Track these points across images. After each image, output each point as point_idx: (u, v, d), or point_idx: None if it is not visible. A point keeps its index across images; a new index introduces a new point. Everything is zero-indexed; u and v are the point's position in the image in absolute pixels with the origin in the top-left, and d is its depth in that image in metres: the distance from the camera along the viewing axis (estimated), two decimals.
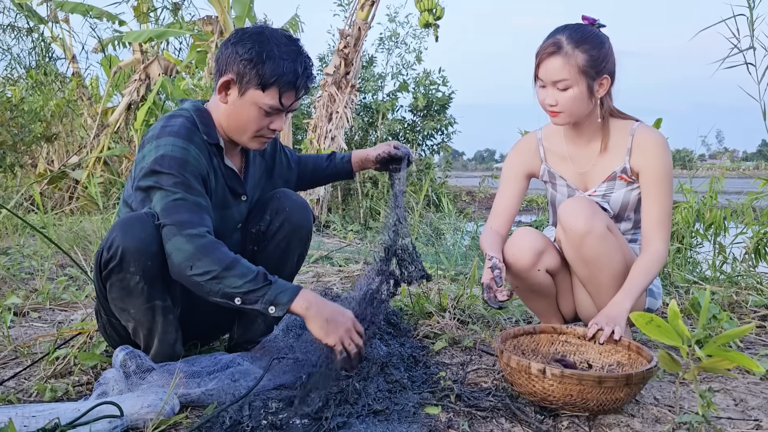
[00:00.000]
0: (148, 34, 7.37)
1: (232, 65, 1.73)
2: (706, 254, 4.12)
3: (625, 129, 2.00)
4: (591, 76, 1.88)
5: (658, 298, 2.14)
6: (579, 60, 1.85)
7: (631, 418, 1.61)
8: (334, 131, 7.34)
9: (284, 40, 1.76)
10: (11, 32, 8.93)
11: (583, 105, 1.91)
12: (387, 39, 10.76)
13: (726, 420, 1.61)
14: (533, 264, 2.00)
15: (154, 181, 1.66)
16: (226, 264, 1.58)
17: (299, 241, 2.01)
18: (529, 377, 1.59)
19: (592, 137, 2.03)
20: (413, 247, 2.00)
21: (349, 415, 1.56)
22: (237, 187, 1.90)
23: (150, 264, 1.65)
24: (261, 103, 1.74)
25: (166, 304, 1.74)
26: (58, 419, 1.41)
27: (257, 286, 1.58)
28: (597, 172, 2.05)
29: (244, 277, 1.58)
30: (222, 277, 1.57)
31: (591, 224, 1.87)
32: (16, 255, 3.80)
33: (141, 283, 1.66)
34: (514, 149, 2.21)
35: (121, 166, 7.73)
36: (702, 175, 5.25)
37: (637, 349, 1.77)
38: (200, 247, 1.59)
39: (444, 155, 11.38)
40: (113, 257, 1.63)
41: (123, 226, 1.65)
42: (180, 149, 1.69)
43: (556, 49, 1.87)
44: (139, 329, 1.74)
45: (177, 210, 1.63)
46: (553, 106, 1.91)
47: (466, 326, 2.45)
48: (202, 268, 1.57)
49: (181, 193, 1.65)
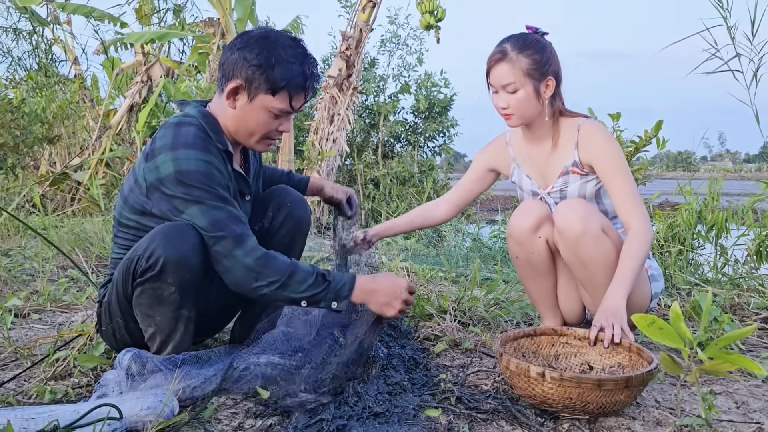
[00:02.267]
0: (150, 36, 7.39)
1: (240, 71, 1.72)
2: (707, 256, 4.11)
3: (572, 126, 2.10)
4: (536, 78, 2.01)
5: (660, 280, 2.18)
6: (523, 64, 1.99)
7: (632, 420, 1.60)
8: (335, 133, 7.35)
9: (290, 43, 1.76)
10: (13, 34, 8.96)
11: (532, 106, 2.04)
12: (388, 41, 10.78)
13: (728, 423, 1.60)
14: (535, 229, 2.07)
15: (185, 194, 1.65)
16: (288, 272, 1.67)
17: (301, 236, 2.08)
18: (529, 380, 1.58)
19: (544, 136, 2.15)
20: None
21: (349, 417, 1.55)
22: (244, 188, 1.92)
23: (188, 277, 1.66)
24: (271, 107, 1.75)
25: (191, 315, 1.75)
26: (57, 421, 1.41)
27: (319, 289, 1.70)
28: (551, 169, 2.16)
29: (305, 281, 1.68)
30: (287, 284, 1.67)
31: (586, 225, 1.92)
32: (18, 256, 3.81)
33: (175, 294, 1.67)
34: (485, 147, 2.40)
35: (123, 167, 7.74)
36: (703, 176, 5.26)
37: (638, 350, 1.77)
38: (260, 259, 1.65)
39: (446, 157, 11.39)
40: (152, 267, 1.63)
41: (165, 236, 1.64)
42: (203, 163, 1.68)
43: (502, 55, 2.02)
44: (158, 335, 1.74)
45: (226, 224, 1.66)
46: (505, 109, 2.05)
47: (466, 328, 2.45)
48: (267, 279, 1.65)
49: (222, 206, 1.67)
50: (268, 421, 1.57)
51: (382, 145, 10.11)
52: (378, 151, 10.03)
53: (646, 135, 3.91)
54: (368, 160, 9.56)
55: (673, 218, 4.18)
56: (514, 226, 2.11)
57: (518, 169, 2.26)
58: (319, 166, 7.01)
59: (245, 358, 1.74)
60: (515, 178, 2.29)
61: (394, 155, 10.25)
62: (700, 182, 4.44)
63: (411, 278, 3.39)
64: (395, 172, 9.01)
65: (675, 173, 29.27)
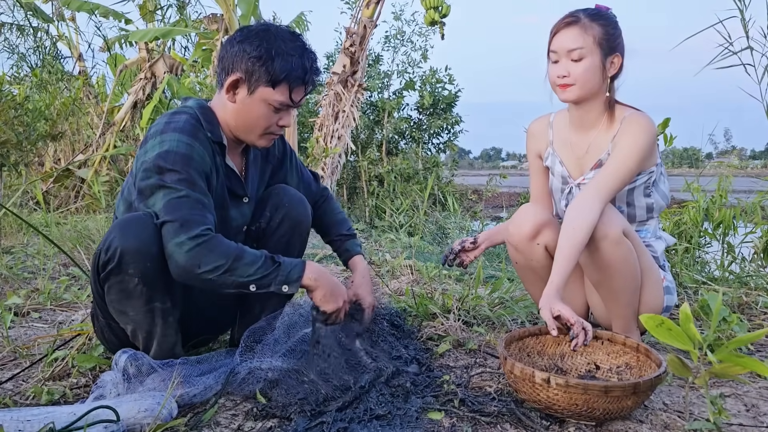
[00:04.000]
0: (154, 33, 7.36)
1: (240, 64, 1.71)
2: (714, 254, 4.06)
3: (619, 117, 2.00)
4: (605, 50, 1.90)
5: (673, 293, 2.09)
6: (595, 31, 1.89)
7: (639, 424, 1.57)
8: (340, 130, 7.32)
9: (289, 36, 1.75)
10: (17, 31, 8.95)
11: (595, 79, 1.92)
12: (393, 37, 10.73)
13: (737, 426, 1.57)
14: (533, 236, 2.01)
15: (158, 179, 1.62)
16: (233, 255, 1.61)
17: (299, 237, 2.02)
18: (533, 386, 1.54)
19: (594, 121, 2.03)
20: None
21: (350, 420, 1.52)
22: (237, 188, 1.88)
23: (149, 265, 1.61)
24: (271, 100, 1.72)
25: (166, 307, 1.70)
26: (52, 424, 1.38)
27: (268, 271, 1.64)
28: (588, 158, 2.07)
29: (253, 264, 1.63)
30: (233, 268, 1.60)
31: (606, 229, 1.82)
32: (20, 254, 3.79)
33: (140, 286, 1.63)
34: (528, 131, 2.27)
35: (127, 164, 7.74)
36: (709, 173, 5.20)
37: (646, 351, 1.73)
38: (204, 244, 1.59)
39: (450, 154, 11.36)
40: (111, 259, 1.60)
41: (121, 227, 1.62)
42: (185, 145, 1.66)
43: (574, 19, 1.91)
44: (138, 332, 1.71)
45: (179, 207, 1.60)
46: (564, 78, 1.92)
47: (470, 328, 2.41)
48: (211, 264, 1.59)
49: (184, 190, 1.62)
50: (267, 424, 1.54)
51: (386, 142, 10.07)
52: (382, 148, 9.99)
53: None
54: (372, 156, 9.53)
55: (679, 216, 4.13)
56: (513, 234, 2.06)
57: (553, 154, 2.15)
58: (324, 163, 6.98)
59: (246, 365, 1.71)
60: (549, 162, 2.18)
61: (398, 152, 10.22)
62: (707, 179, 4.40)
63: (414, 276, 3.36)
64: (399, 168, 8.99)
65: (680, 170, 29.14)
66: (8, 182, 5.53)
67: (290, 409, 1.58)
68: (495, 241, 2.33)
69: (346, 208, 8.44)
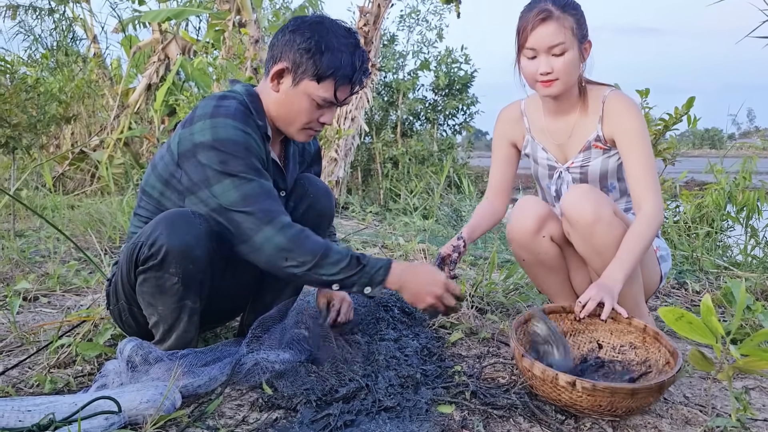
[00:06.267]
0: (167, 14, 7.30)
1: (288, 53, 1.66)
2: (737, 238, 3.96)
3: (598, 97, 1.96)
4: (579, 39, 1.86)
5: (668, 260, 2.09)
6: (570, 22, 1.83)
7: (659, 418, 1.51)
8: (354, 111, 7.23)
9: (343, 32, 1.69)
10: (33, 13, 8.94)
11: (576, 70, 1.88)
12: (407, 16, 10.55)
13: (762, 422, 1.50)
14: (537, 230, 1.97)
15: (221, 165, 1.57)
16: (320, 254, 1.59)
17: (323, 229, 1.98)
18: (556, 387, 1.48)
19: (571, 107, 2.00)
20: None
21: (358, 412, 1.48)
22: (279, 181, 1.83)
23: (191, 267, 1.59)
24: (314, 95, 1.67)
25: (195, 306, 1.68)
26: (53, 414, 1.35)
27: (353, 272, 1.61)
28: (573, 143, 2.02)
29: (338, 264, 1.60)
30: (318, 266, 1.58)
31: (599, 212, 1.80)
32: (33, 237, 3.79)
33: (177, 285, 1.60)
34: (499, 118, 2.19)
35: (142, 147, 7.72)
36: (732, 155, 5.06)
37: (655, 334, 1.67)
38: (292, 237, 1.57)
39: (466, 135, 11.20)
40: (154, 255, 1.57)
41: (169, 224, 1.57)
42: (241, 133, 1.61)
43: (547, 15, 1.82)
44: (161, 324, 1.68)
45: (258, 198, 1.58)
46: (548, 74, 1.85)
47: (484, 315, 2.36)
48: (298, 259, 1.57)
49: (255, 179, 1.59)
50: (273, 415, 1.50)
51: (401, 123, 9.96)
52: (397, 130, 9.88)
53: (677, 112, 3.74)
54: (387, 138, 9.43)
55: (701, 198, 4.02)
56: (515, 230, 2.00)
57: (533, 141, 2.10)
58: (337, 145, 6.91)
59: (252, 356, 1.68)
60: (529, 150, 2.12)
61: (413, 133, 10.10)
62: (730, 161, 4.27)
63: (428, 261, 3.30)
64: (414, 150, 8.88)
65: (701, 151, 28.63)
66: (21, 165, 5.54)
67: (296, 399, 1.54)
68: (474, 237, 2.09)
69: (360, 191, 8.37)
